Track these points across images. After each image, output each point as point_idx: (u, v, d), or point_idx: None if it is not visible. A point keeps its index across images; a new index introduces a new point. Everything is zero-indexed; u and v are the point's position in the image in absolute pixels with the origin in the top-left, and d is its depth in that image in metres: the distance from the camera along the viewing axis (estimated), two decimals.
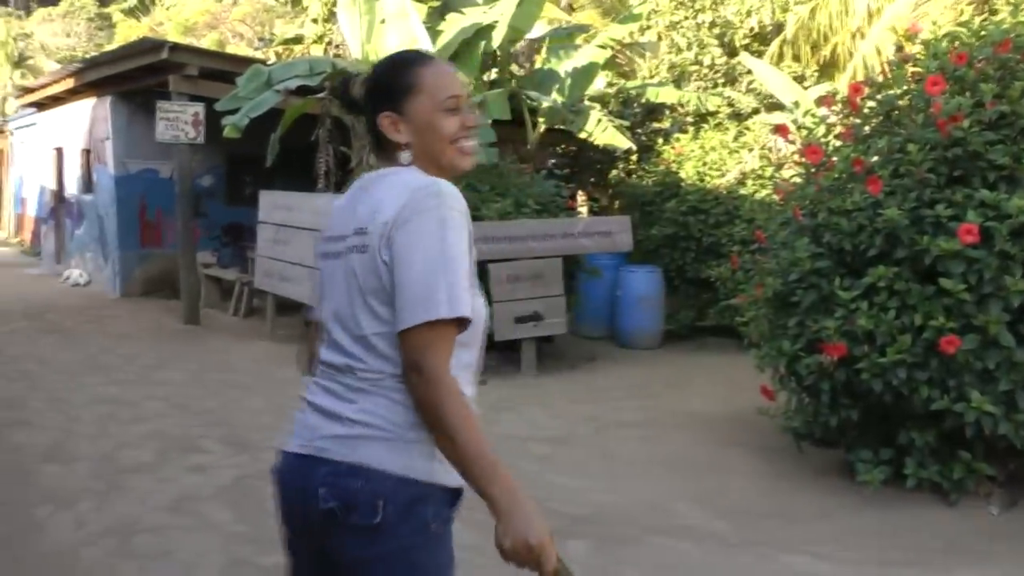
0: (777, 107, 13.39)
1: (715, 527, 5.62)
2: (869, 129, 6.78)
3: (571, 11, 20.98)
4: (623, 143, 12.76)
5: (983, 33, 6.41)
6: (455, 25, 11.96)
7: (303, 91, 11.21)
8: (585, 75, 13.29)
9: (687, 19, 15.26)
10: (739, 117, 13.91)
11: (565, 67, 13.26)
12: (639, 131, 14.58)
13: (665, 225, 12.24)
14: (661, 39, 16.04)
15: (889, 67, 7.19)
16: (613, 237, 10.73)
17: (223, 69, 12.99)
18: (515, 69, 14.50)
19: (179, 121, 12.55)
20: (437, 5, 12.60)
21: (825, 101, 7.39)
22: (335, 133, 11.98)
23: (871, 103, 6.78)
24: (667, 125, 14.69)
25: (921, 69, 6.55)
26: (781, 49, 14.77)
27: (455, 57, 11.88)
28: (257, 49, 27.30)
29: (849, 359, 5.86)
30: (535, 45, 15.23)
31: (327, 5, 16.70)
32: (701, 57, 14.99)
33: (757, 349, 6.93)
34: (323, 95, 11.56)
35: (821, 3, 14.46)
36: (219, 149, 14.80)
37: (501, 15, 11.91)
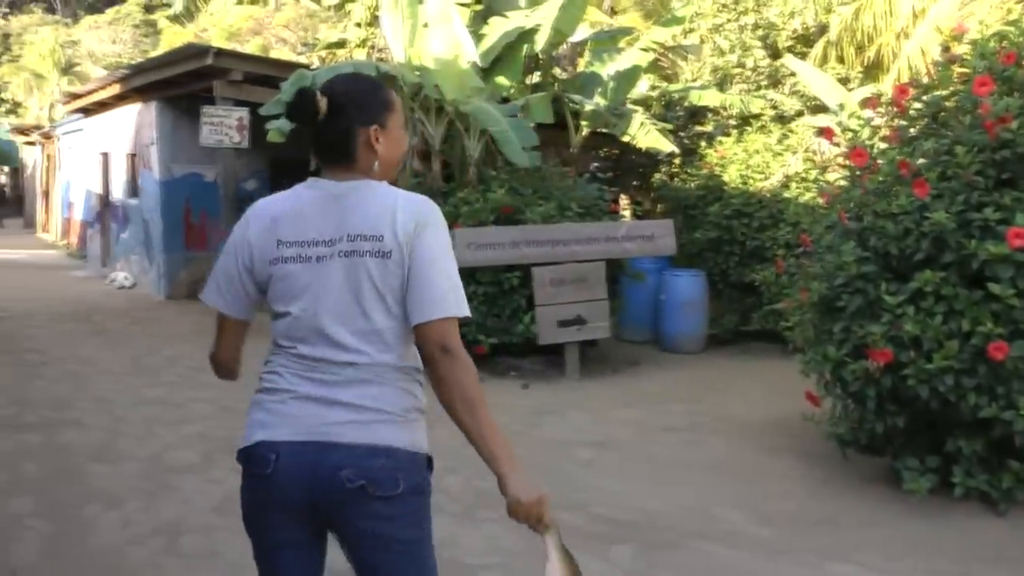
0: (821, 109, 13.29)
1: (759, 533, 5.59)
2: (915, 131, 6.71)
3: (613, 14, 20.95)
4: (666, 146, 12.72)
5: None
6: (498, 29, 11.97)
7: None
8: (628, 78, 13.26)
9: (730, 21, 15.20)
10: (783, 120, 13.81)
11: (608, 70, 13.23)
12: (682, 134, 14.53)
13: (709, 229, 12.17)
14: (704, 42, 15.99)
15: (935, 68, 7.11)
16: (656, 241, 10.70)
17: (267, 74, 13.08)
18: (558, 72, 14.50)
19: (223, 126, 12.66)
20: (480, 9, 12.61)
21: (870, 103, 7.30)
22: None
23: (917, 104, 6.71)
24: (710, 128, 14.62)
25: (968, 69, 6.47)
26: (825, 51, 14.67)
27: (498, 60, 11.91)
28: (300, 54, 27.47)
29: (895, 365, 5.80)
30: (578, 48, 15.23)
31: (371, 9, 16.77)
32: (744, 59, 14.92)
33: (802, 354, 6.87)
34: None
35: (865, 4, 14.36)
36: (263, 153, 14.88)
37: (544, 18, 11.92)
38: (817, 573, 5.03)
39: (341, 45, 19.48)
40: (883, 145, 6.80)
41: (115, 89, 17.62)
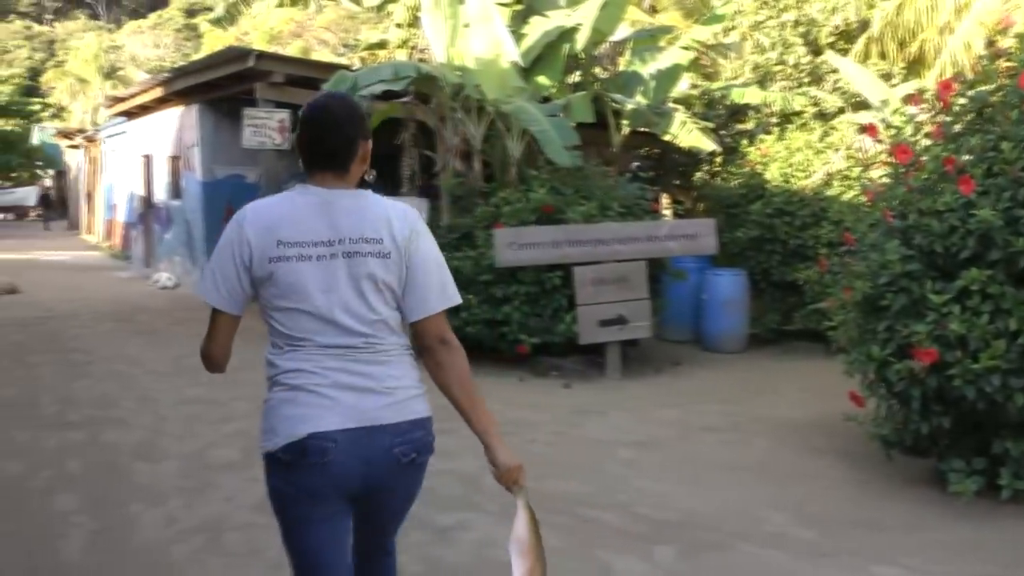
0: (863, 106, 13.18)
1: (802, 535, 5.53)
2: (960, 127, 6.61)
3: (654, 13, 20.87)
4: (707, 145, 12.67)
5: None
6: (538, 28, 11.97)
7: (388, 96, 11.28)
8: (669, 77, 13.21)
9: (771, 18, 15.10)
10: (825, 117, 13.70)
11: (649, 69, 13.19)
12: (723, 133, 14.45)
13: (750, 227, 12.09)
14: (745, 39, 15.87)
15: (980, 62, 7.02)
16: (698, 240, 10.64)
17: (308, 76, 13.14)
18: (598, 72, 14.46)
19: (265, 127, 12.72)
20: (520, 8, 12.60)
21: (914, 99, 7.23)
22: (419, 137, 12.06)
23: (962, 100, 6.62)
24: (752, 126, 14.52)
25: (1015, 63, 6.39)
26: (867, 47, 14.53)
27: (539, 60, 11.91)
28: (341, 55, 27.61)
29: (941, 365, 5.72)
30: (618, 48, 15.18)
31: (411, 10, 16.81)
32: (785, 56, 14.82)
33: (845, 354, 6.78)
34: (408, 99, 11.63)
35: None
36: None
37: (585, 18, 11.90)
38: (862, 575, 4.97)
39: (382, 46, 19.56)
40: (927, 142, 6.71)
41: (157, 92, 17.78)
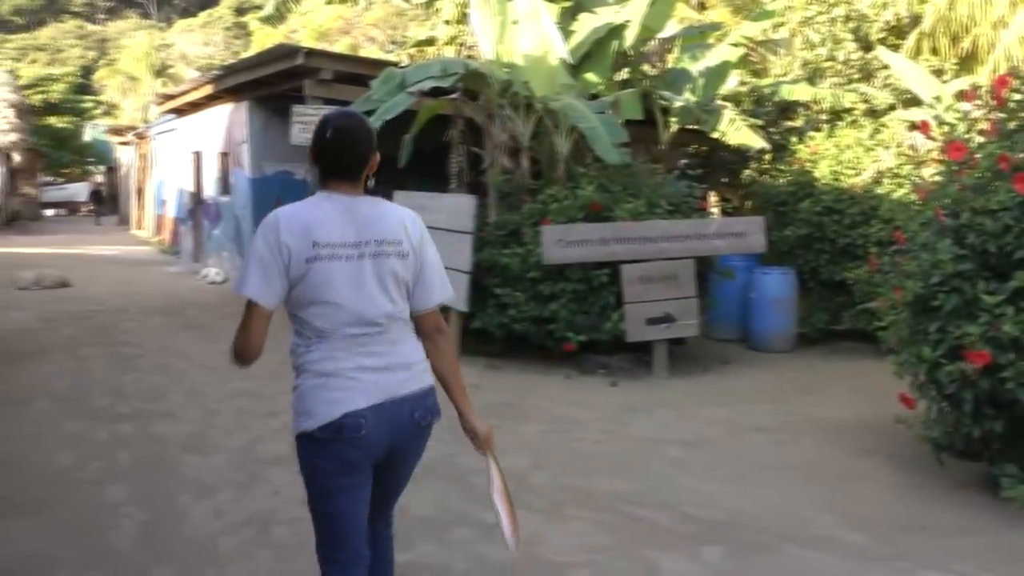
0: (914, 103, 13.03)
1: (851, 538, 5.46)
2: (1015, 124, 6.52)
3: (702, 10, 20.78)
4: (756, 142, 12.59)
5: None
6: (587, 25, 11.93)
7: (436, 92, 11.30)
8: (718, 74, 13.15)
9: (821, 14, 14.98)
10: (875, 114, 13.56)
11: (698, 66, 13.14)
12: (772, 130, 14.35)
13: (799, 226, 11.99)
14: (794, 35, 15.75)
15: None
16: (746, 238, 10.57)
17: (357, 72, 13.19)
18: (647, 69, 14.39)
19: (313, 124, 12.71)
20: (569, 5, 12.57)
21: (967, 95, 7.13)
22: (467, 134, 12.06)
23: (1017, 96, 6.52)
24: (801, 123, 14.42)
25: None
26: (918, 42, 14.33)
27: (587, 57, 11.87)
28: (390, 52, 27.69)
29: (993, 367, 5.64)
30: (667, 45, 15.11)
31: (460, 7, 16.83)
32: (835, 53, 14.69)
33: (895, 355, 6.71)
34: (456, 96, 11.63)
35: None
36: None
37: (633, 14, 11.85)
38: None
39: (430, 43, 19.60)
40: (981, 139, 6.62)
41: (207, 90, 17.93)
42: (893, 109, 13.42)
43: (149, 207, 31.29)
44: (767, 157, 14.34)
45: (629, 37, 11.94)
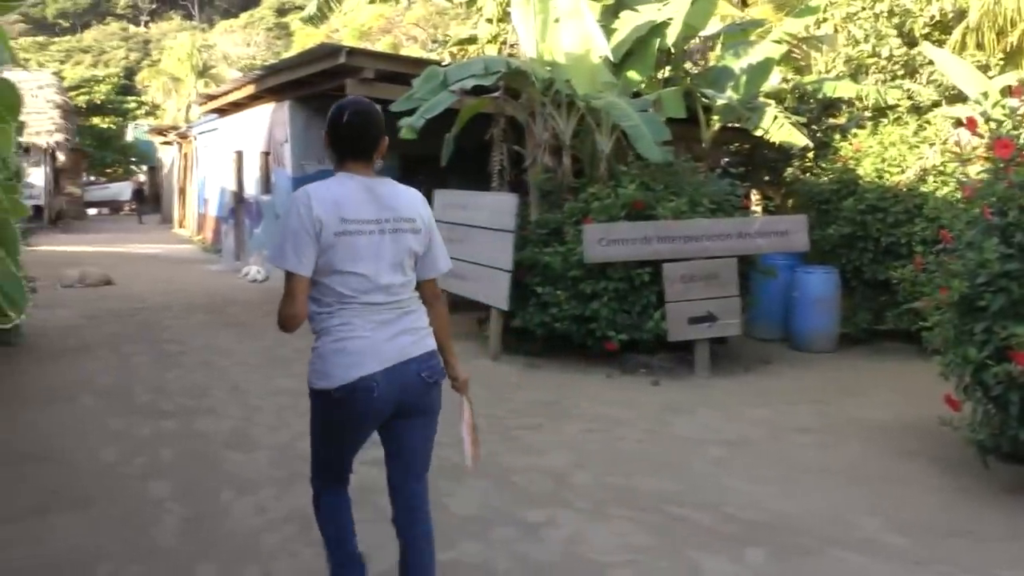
0: (959, 99, 12.89)
1: (895, 542, 5.38)
2: None
3: (744, 7, 20.66)
4: (799, 140, 12.49)
5: None
6: (629, 23, 11.89)
7: (478, 91, 11.29)
8: (760, 71, 13.05)
9: (864, 9, 14.85)
10: (919, 110, 13.43)
11: (740, 63, 13.04)
12: (815, 127, 14.23)
13: (842, 224, 11.87)
14: (838, 31, 15.62)
15: None
16: (789, 237, 10.47)
17: (398, 71, 13.20)
18: (689, 67, 14.33)
19: None
20: (611, 3, 12.51)
21: (1014, 91, 7.02)
22: (509, 132, 12.03)
23: None
24: (844, 120, 14.30)
25: None
26: (964, 37, 14.14)
27: (629, 55, 11.83)
28: (431, 51, 27.72)
29: None
30: (709, 42, 15.04)
31: (501, 5, 16.82)
32: (879, 49, 14.56)
33: (940, 356, 6.62)
34: (498, 94, 11.61)
35: None
36: (392, 149, 14.90)
37: (675, 12, 11.79)
38: None
39: (472, 41, 19.60)
40: None
41: (249, 90, 18.02)
42: (938, 105, 13.28)
43: (191, 206, 31.53)
44: (810, 155, 14.23)
45: (671, 35, 11.88)
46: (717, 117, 12.77)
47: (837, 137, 13.67)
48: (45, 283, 15.77)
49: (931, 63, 13.65)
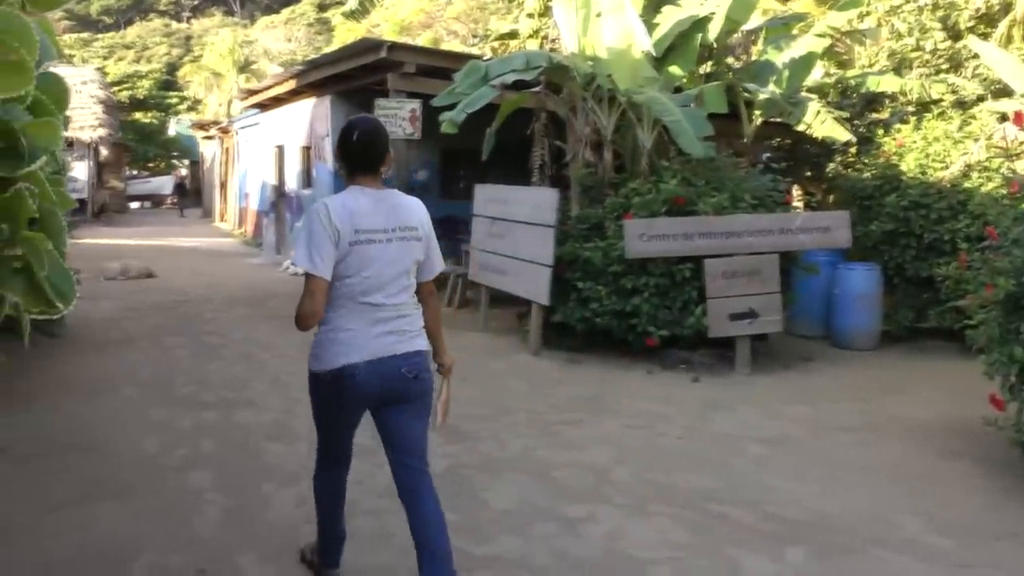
0: (1005, 93, 12.71)
1: (938, 544, 5.31)
2: None
3: (786, 1, 20.52)
4: (842, 135, 12.39)
5: None
6: (671, 18, 11.85)
7: (519, 86, 11.27)
8: (803, 65, 12.95)
9: (908, 2, 14.68)
10: (964, 105, 13.25)
11: (782, 58, 12.95)
12: (858, 122, 14.12)
13: (885, 220, 11.75)
14: (881, 25, 15.46)
15: None
16: (831, 233, 10.38)
17: (439, 66, 13.22)
18: (731, 61, 14.25)
19: (396, 117, 12.83)
20: None
21: None
22: (550, 127, 12.02)
23: None
24: (887, 115, 14.16)
25: None
26: (1010, 30, 13.96)
27: (671, 50, 11.79)
28: (472, 46, 27.75)
29: None
30: (751, 36, 14.95)
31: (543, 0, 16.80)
32: (923, 42, 14.41)
33: (985, 355, 6.54)
34: (539, 89, 11.60)
35: None
36: (433, 144, 15.08)
37: (718, 7, 11.74)
38: None
39: (513, 36, 19.62)
40: None
41: (290, 85, 18.10)
42: (983, 100, 13.11)
43: (232, 200, 31.71)
44: (852, 150, 14.12)
45: (713, 29, 11.84)
46: (759, 112, 12.69)
47: (880, 132, 13.53)
48: (88, 275, 15.89)
49: (976, 56, 13.48)
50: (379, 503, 5.67)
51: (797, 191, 15.58)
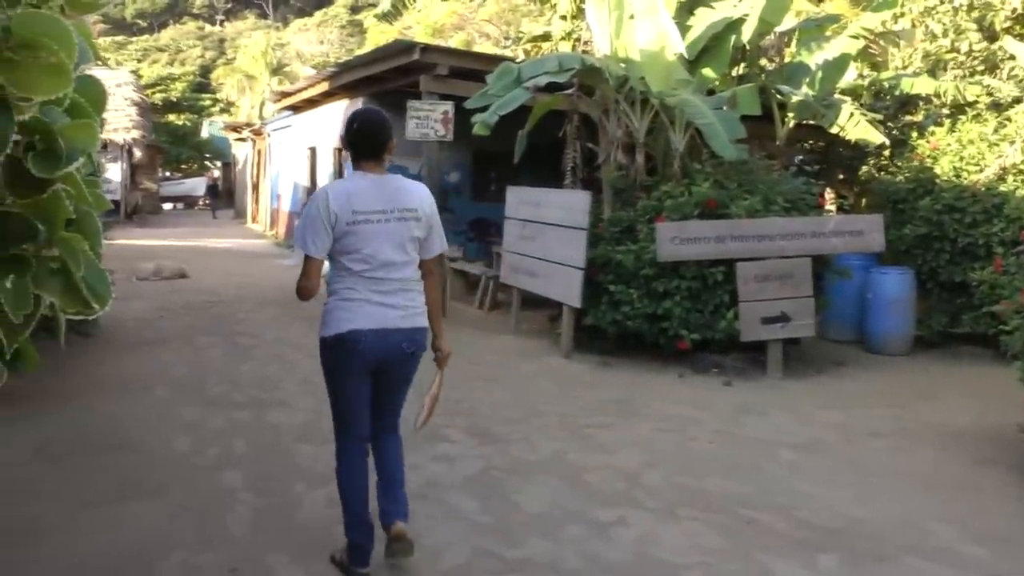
0: None
1: (973, 552, 5.25)
2: None
3: (820, 2, 20.41)
4: (875, 138, 12.31)
5: None
6: (704, 20, 11.82)
7: (551, 88, 11.27)
8: (837, 67, 12.89)
9: (943, 3, 14.54)
10: (999, 107, 13.11)
11: (815, 59, 12.90)
12: (891, 125, 14.00)
13: (918, 224, 11.67)
14: (915, 26, 15.32)
15: None
16: (864, 237, 10.33)
17: (472, 68, 13.23)
18: (764, 63, 14.18)
19: (429, 119, 12.84)
20: (686, 0, 12.43)
21: None
22: (582, 129, 12.00)
23: None
24: (921, 118, 14.03)
25: None
26: None
27: (704, 52, 11.77)
28: (504, 48, 27.76)
29: None
30: (784, 38, 14.88)
31: (576, 2, 16.78)
32: (958, 43, 14.26)
33: (1020, 361, 6.48)
34: (572, 92, 11.59)
35: None
36: (465, 146, 15.09)
37: (751, 8, 11.70)
38: None
39: (545, 38, 19.61)
40: None
41: (323, 87, 18.19)
42: (1019, 102, 12.96)
43: (264, 201, 31.85)
44: (886, 153, 14.01)
45: (747, 32, 11.80)
46: (792, 114, 12.63)
47: (914, 135, 13.44)
48: (121, 276, 16.02)
49: (1012, 58, 13.34)
50: (412, 505, 5.64)
51: (830, 194, 15.47)
